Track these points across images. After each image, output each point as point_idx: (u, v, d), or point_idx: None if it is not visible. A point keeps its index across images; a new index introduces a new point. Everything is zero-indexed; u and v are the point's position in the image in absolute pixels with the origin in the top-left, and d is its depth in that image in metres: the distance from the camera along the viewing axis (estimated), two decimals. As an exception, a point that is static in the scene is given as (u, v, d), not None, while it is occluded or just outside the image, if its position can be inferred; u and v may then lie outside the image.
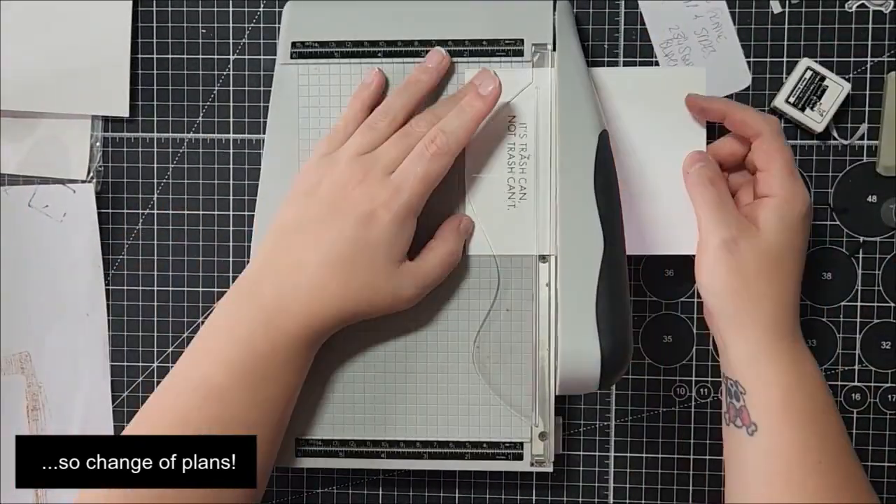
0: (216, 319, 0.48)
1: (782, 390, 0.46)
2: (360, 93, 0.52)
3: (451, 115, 0.50)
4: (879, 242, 0.56)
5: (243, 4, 0.58)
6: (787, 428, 0.46)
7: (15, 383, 0.60)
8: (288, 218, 0.49)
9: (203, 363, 0.47)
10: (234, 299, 0.48)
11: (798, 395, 0.46)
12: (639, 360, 0.58)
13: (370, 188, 0.48)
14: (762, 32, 0.56)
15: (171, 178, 0.59)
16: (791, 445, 0.45)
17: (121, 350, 0.60)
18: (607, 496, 0.58)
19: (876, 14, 0.55)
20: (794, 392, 0.46)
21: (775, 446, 0.45)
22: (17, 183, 0.60)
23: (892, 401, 0.56)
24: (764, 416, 0.46)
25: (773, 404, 0.46)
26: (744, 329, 0.47)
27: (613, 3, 0.57)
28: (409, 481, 0.59)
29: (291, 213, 0.49)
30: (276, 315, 0.47)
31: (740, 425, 0.47)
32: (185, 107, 0.59)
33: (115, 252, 0.60)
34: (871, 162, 0.56)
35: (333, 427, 0.53)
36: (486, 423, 0.53)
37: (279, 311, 0.47)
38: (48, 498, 0.60)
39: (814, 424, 0.46)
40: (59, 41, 0.58)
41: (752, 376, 0.47)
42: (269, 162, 0.54)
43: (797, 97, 0.54)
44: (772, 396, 0.46)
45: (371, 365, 0.53)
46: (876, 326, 0.56)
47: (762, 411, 0.46)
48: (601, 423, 0.58)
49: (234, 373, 0.46)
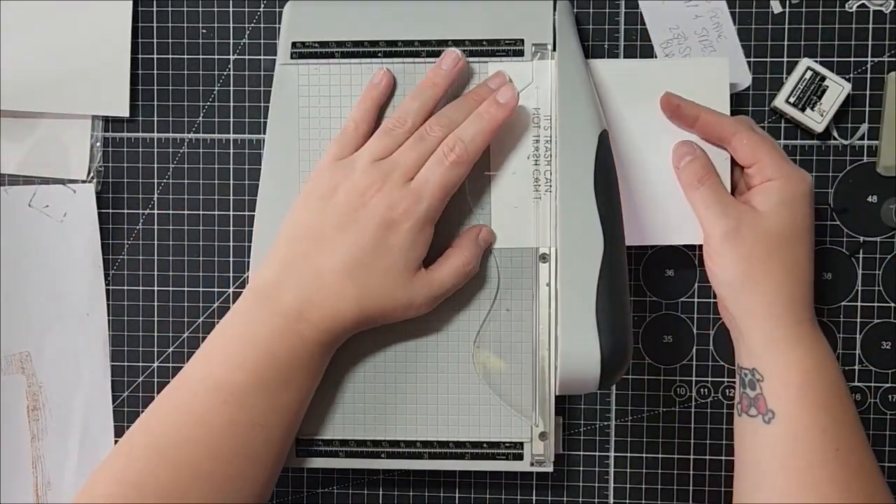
0: (232, 323, 0.48)
1: (801, 374, 0.46)
2: (369, 92, 0.52)
3: (468, 122, 0.50)
4: (880, 242, 0.56)
5: (243, 4, 0.58)
6: (805, 413, 0.45)
7: (15, 383, 0.60)
8: (304, 222, 0.49)
9: (220, 366, 0.47)
10: (252, 304, 0.48)
11: (816, 380, 0.46)
12: (639, 360, 0.58)
13: (389, 196, 0.48)
14: (762, 32, 0.56)
15: (171, 178, 0.59)
16: (809, 431, 0.45)
17: (121, 350, 0.60)
18: (607, 496, 0.58)
19: (876, 14, 0.55)
20: (812, 376, 0.46)
21: (793, 432, 0.45)
22: (17, 183, 0.60)
23: (892, 401, 0.56)
24: (781, 403, 0.46)
25: (791, 389, 0.46)
26: (759, 314, 0.47)
27: (613, 3, 0.57)
28: (409, 481, 0.59)
29: (307, 217, 0.49)
30: (296, 322, 0.47)
31: (755, 414, 0.47)
32: (185, 107, 0.59)
33: (115, 252, 0.60)
34: (871, 162, 0.56)
35: (334, 427, 0.53)
36: (486, 423, 0.53)
37: (298, 317, 0.47)
38: (48, 498, 0.60)
39: (831, 410, 0.46)
40: (59, 41, 0.58)
41: (769, 362, 0.47)
42: (269, 162, 0.54)
43: (797, 97, 0.54)
44: (790, 381, 0.46)
45: (372, 365, 0.53)
46: (876, 326, 0.56)
47: (779, 398, 0.46)
48: (601, 423, 0.58)
49: (254, 377, 0.46)
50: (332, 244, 0.48)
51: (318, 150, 0.53)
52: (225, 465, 0.46)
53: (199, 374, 0.48)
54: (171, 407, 0.47)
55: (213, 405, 0.46)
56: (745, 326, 0.48)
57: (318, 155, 0.53)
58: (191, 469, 0.45)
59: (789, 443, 0.45)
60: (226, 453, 0.46)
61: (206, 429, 0.46)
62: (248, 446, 0.47)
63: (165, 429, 0.46)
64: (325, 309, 0.48)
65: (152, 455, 0.46)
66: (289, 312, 0.47)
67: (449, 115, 0.50)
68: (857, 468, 0.46)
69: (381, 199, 0.48)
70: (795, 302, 0.47)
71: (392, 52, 0.53)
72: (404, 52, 0.53)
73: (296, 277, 0.48)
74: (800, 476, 0.45)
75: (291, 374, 0.47)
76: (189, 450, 0.46)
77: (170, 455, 0.46)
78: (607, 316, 0.45)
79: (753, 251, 0.47)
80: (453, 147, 0.49)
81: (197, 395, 0.47)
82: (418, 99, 0.51)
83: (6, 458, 0.60)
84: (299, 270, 0.48)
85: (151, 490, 0.45)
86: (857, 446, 0.46)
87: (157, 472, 0.45)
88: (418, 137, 0.50)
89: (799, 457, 0.45)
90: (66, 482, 0.60)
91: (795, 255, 0.48)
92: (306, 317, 0.47)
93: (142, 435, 0.47)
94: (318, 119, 0.54)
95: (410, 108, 0.51)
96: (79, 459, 0.60)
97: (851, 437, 0.46)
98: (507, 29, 0.53)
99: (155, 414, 0.47)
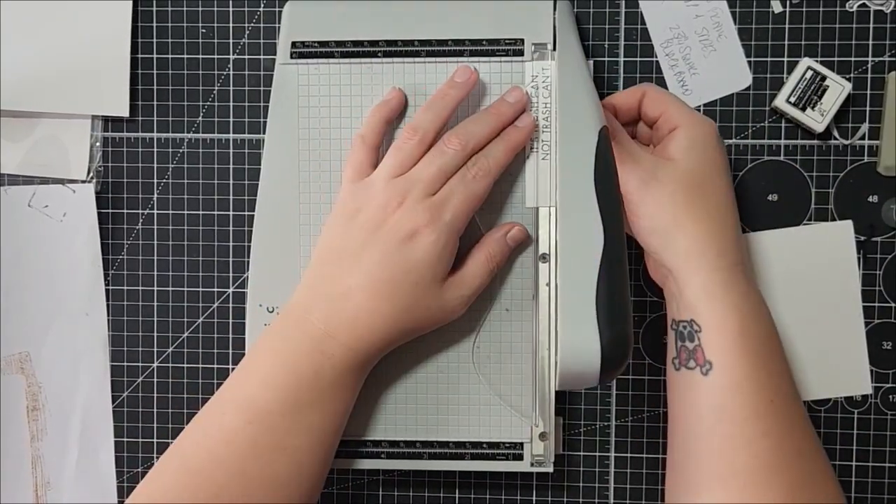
0: (263, 344, 0.49)
1: (738, 320, 0.46)
2: (378, 109, 0.52)
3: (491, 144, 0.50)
4: (880, 242, 0.56)
5: (243, 4, 0.58)
6: (742, 363, 0.45)
7: (15, 383, 0.60)
8: (330, 244, 0.49)
9: (249, 386, 0.48)
10: (282, 325, 0.49)
11: (752, 326, 0.46)
12: (639, 359, 0.58)
13: (411, 210, 0.48)
14: (763, 32, 0.56)
15: (171, 178, 0.59)
16: (746, 380, 0.45)
17: (121, 350, 0.60)
18: (607, 496, 0.58)
19: (877, 14, 0.55)
20: (749, 322, 0.46)
21: (730, 382, 0.45)
22: (17, 183, 0.60)
23: (892, 401, 0.56)
24: (719, 352, 0.46)
25: (728, 337, 0.46)
26: (694, 259, 0.47)
27: (614, 3, 0.57)
28: (409, 481, 0.59)
29: (332, 239, 0.49)
30: (323, 341, 0.47)
31: (693, 367, 0.46)
32: (185, 107, 0.59)
33: (115, 252, 0.60)
34: (871, 162, 0.56)
35: (333, 427, 0.53)
36: (486, 423, 0.53)
37: (326, 337, 0.47)
38: (48, 498, 0.60)
39: (767, 362, 0.46)
40: (59, 41, 0.58)
41: (707, 309, 0.46)
42: (269, 162, 0.54)
43: (798, 97, 0.54)
44: (727, 328, 0.46)
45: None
46: (876, 326, 0.56)
47: (717, 346, 0.46)
48: (601, 424, 0.58)
49: (278, 396, 0.47)
50: (358, 263, 0.48)
51: (317, 150, 0.53)
52: (252, 489, 0.46)
53: (228, 395, 0.48)
54: (202, 427, 0.48)
55: (240, 425, 0.46)
56: (681, 275, 0.47)
57: (318, 155, 0.53)
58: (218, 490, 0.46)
59: (726, 394, 0.45)
60: (253, 476, 0.46)
61: (232, 449, 0.46)
62: (273, 469, 0.47)
63: (196, 450, 0.47)
64: (358, 329, 0.48)
65: (182, 476, 0.46)
66: (315, 333, 0.47)
67: (467, 128, 0.50)
68: (791, 420, 0.46)
69: (403, 213, 0.48)
70: (726, 245, 0.47)
71: (392, 52, 0.53)
72: (404, 52, 0.53)
73: (324, 298, 0.48)
74: (740, 425, 0.45)
75: (317, 395, 0.47)
76: (218, 472, 0.46)
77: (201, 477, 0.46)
78: (607, 309, 0.45)
79: (675, 195, 0.47)
80: (476, 161, 0.49)
81: (225, 416, 0.47)
82: (430, 111, 0.51)
83: (6, 458, 0.60)
84: (327, 291, 0.48)
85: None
86: (791, 400, 0.46)
87: (185, 494, 0.46)
88: (437, 152, 0.49)
89: (735, 410, 0.45)
90: (65, 482, 0.60)
91: (716, 197, 0.48)
92: (335, 336, 0.47)
93: (174, 455, 0.48)
94: (317, 119, 0.54)
95: (423, 120, 0.50)
96: (78, 459, 0.60)
97: (786, 390, 0.46)
98: (507, 29, 0.53)
99: (188, 434, 0.48)
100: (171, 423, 0.60)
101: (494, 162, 0.49)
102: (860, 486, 0.56)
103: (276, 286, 0.53)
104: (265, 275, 0.54)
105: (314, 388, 0.47)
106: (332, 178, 0.53)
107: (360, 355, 0.48)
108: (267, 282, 0.54)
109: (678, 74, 0.56)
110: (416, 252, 0.47)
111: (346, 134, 0.53)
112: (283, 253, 0.54)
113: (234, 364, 0.59)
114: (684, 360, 0.47)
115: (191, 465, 0.46)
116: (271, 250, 0.54)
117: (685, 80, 0.56)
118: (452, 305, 0.49)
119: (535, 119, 0.51)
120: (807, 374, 0.56)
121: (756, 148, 0.56)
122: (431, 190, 0.48)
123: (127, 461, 0.60)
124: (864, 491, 0.56)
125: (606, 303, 0.45)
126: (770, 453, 0.44)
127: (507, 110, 0.51)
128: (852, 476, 0.56)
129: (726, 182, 0.49)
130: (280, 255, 0.54)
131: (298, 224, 0.54)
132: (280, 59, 0.54)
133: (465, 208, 0.49)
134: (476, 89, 0.52)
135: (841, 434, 0.56)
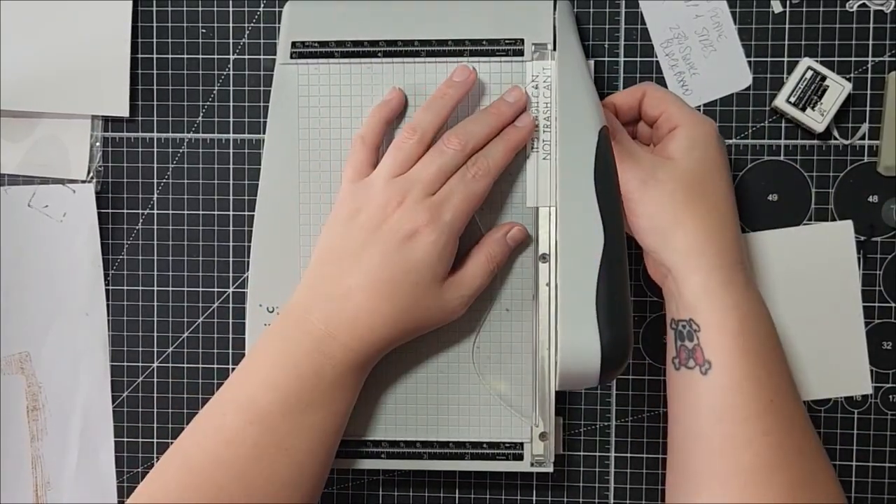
0: (263, 344, 0.49)
1: (737, 320, 0.46)
2: (378, 109, 0.52)
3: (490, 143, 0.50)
4: (880, 242, 0.56)
5: (243, 4, 0.58)
6: (742, 362, 0.45)
7: (15, 383, 0.60)
8: (330, 244, 0.49)
9: (250, 386, 0.48)
10: (282, 325, 0.49)
11: (752, 325, 0.46)
12: (639, 359, 0.58)
13: (410, 210, 0.48)
14: (763, 32, 0.56)
15: (171, 178, 0.59)
16: (746, 380, 0.45)
17: (120, 350, 0.60)
18: (608, 496, 0.58)
19: (877, 14, 0.55)
20: (749, 322, 0.46)
21: (730, 381, 0.45)
22: (17, 183, 0.60)
23: (892, 401, 0.56)
24: (718, 351, 0.46)
25: (727, 337, 0.46)
26: (693, 258, 0.47)
27: (614, 3, 0.57)
28: (409, 481, 0.59)
29: (332, 240, 0.49)
30: (323, 341, 0.47)
31: (692, 366, 0.46)
32: (185, 107, 0.59)
33: (115, 252, 0.60)
34: (871, 162, 0.56)
35: (333, 427, 0.53)
36: (486, 423, 0.53)
37: (326, 337, 0.47)
38: (48, 498, 0.60)
39: (767, 362, 0.46)
40: (59, 41, 0.58)
41: (706, 309, 0.46)
42: (269, 162, 0.54)
43: (798, 97, 0.54)
44: (727, 328, 0.46)
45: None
46: (876, 326, 0.56)
47: (717, 346, 0.46)
48: (601, 424, 0.58)
49: (279, 397, 0.47)
50: (358, 262, 0.48)
51: (317, 150, 0.53)
52: (253, 489, 0.46)
53: (229, 395, 0.48)
54: (203, 427, 0.48)
55: (240, 426, 0.46)
56: (681, 274, 0.47)
57: (318, 155, 0.53)
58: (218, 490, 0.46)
59: (726, 394, 0.45)
60: (254, 476, 0.46)
61: (233, 450, 0.46)
62: (274, 469, 0.47)
63: (197, 450, 0.47)
64: (358, 328, 0.48)
65: (183, 476, 0.46)
66: (316, 333, 0.47)
67: (467, 128, 0.50)
68: (791, 419, 0.46)
69: (403, 213, 0.48)
70: (726, 244, 0.47)
71: (392, 52, 0.53)
72: (404, 52, 0.53)
73: (324, 298, 0.48)
74: (740, 424, 0.45)
75: (318, 395, 0.47)
76: (219, 472, 0.46)
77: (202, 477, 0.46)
78: (607, 309, 0.45)
79: (675, 194, 0.47)
80: (476, 161, 0.49)
81: (226, 416, 0.47)
82: (429, 111, 0.51)
83: (6, 458, 0.60)
84: (328, 291, 0.48)
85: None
86: (791, 400, 0.46)
87: (186, 494, 0.46)
88: (437, 152, 0.49)
89: (737, 406, 0.45)
90: (65, 482, 0.60)
91: (716, 197, 0.48)
92: (335, 336, 0.47)
93: (175, 455, 0.48)
94: (317, 119, 0.54)
95: (422, 119, 0.50)
96: (78, 459, 0.60)
97: (785, 389, 0.46)
98: (507, 29, 0.53)
99: (189, 434, 0.48)
100: (171, 423, 0.60)
101: (494, 162, 0.49)
102: (860, 486, 0.56)
103: (276, 286, 0.53)
104: (265, 275, 0.54)
105: (315, 388, 0.47)
106: (332, 178, 0.53)
107: (361, 355, 0.48)
108: (267, 282, 0.54)
109: (678, 74, 0.56)
110: (415, 252, 0.47)
111: (346, 134, 0.53)
112: (283, 253, 0.54)
113: (234, 364, 0.59)
114: (684, 359, 0.47)
115: (192, 466, 0.46)
116: (271, 250, 0.54)
117: (685, 80, 0.56)
118: (452, 305, 0.49)
119: (535, 119, 0.51)
120: (807, 374, 0.56)
121: (756, 148, 0.56)
122: (431, 190, 0.48)
123: (127, 461, 0.60)
124: (864, 491, 0.56)
125: (606, 303, 0.45)
126: (770, 452, 0.44)
127: (506, 110, 0.51)
128: (852, 476, 0.56)
129: (726, 182, 0.49)
130: (280, 255, 0.54)
131: (298, 224, 0.54)
132: (280, 59, 0.54)
133: (465, 208, 0.49)
134: (476, 89, 0.52)
135: (841, 434, 0.57)
